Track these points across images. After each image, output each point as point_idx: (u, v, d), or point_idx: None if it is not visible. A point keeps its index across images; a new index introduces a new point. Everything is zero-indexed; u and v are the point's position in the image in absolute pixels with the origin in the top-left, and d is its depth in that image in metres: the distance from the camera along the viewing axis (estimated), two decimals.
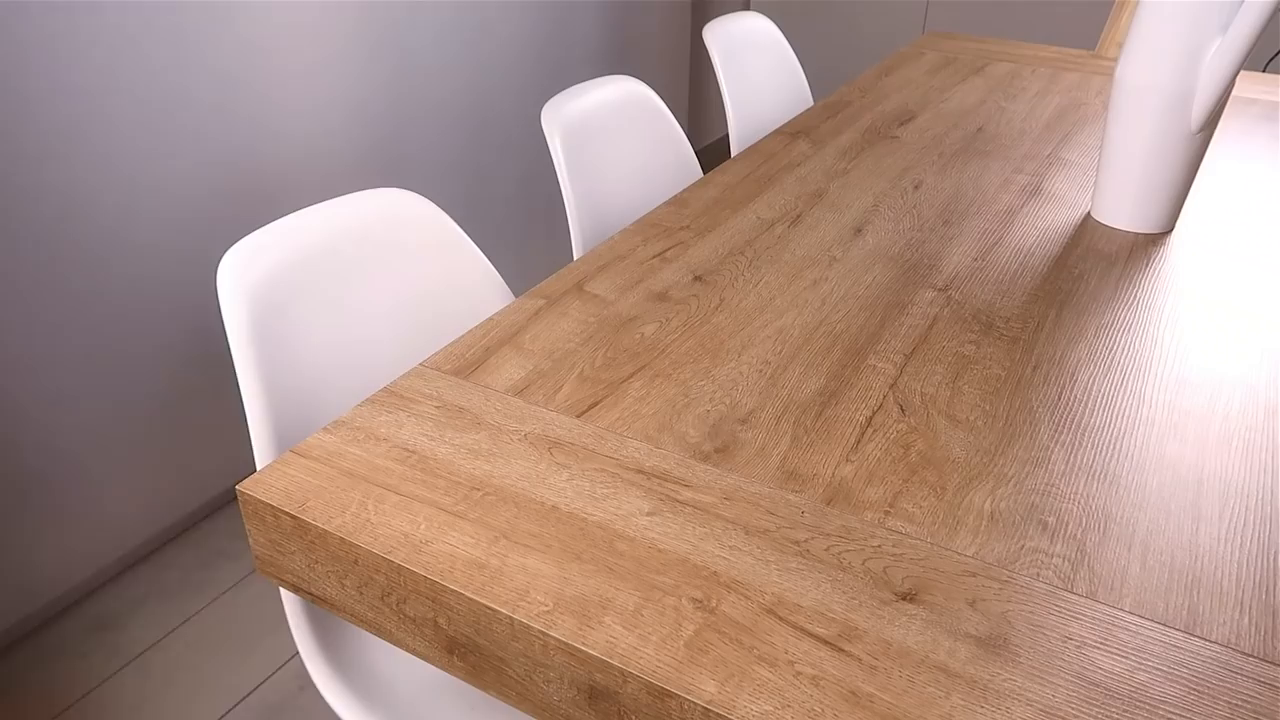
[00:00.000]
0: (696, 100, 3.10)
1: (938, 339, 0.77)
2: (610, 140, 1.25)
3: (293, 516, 0.56)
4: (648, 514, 0.56)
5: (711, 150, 3.21)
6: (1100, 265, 0.91)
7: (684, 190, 1.09)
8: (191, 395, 1.54)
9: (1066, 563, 0.54)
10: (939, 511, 0.57)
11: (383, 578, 0.54)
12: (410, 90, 1.87)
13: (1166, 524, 0.57)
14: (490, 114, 2.11)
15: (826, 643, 0.48)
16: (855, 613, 0.50)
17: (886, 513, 0.57)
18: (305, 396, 0.77)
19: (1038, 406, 0.68)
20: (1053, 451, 0.63)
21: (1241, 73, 0.86)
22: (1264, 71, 1.87)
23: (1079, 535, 0.56)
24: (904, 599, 0.51)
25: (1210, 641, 0.49)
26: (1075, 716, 0.44)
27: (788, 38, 1.75)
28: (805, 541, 0.55)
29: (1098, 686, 0.46)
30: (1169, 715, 0.45)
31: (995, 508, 0.58)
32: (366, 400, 0.67)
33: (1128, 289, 0.87)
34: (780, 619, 0.49)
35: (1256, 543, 0.56)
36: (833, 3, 2.96)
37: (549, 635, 0.48)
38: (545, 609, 0.50)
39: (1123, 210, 0.99)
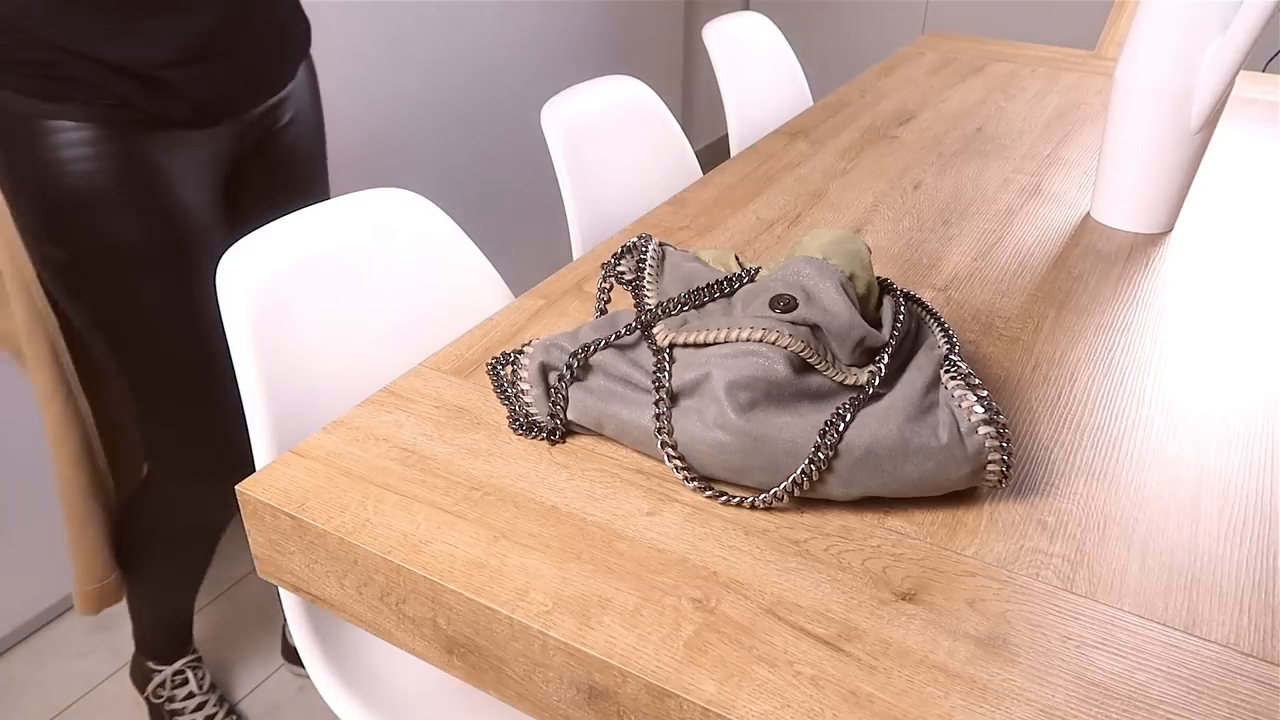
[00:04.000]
0: (696, 100, 3.10)
1: None
2: (610, 140, 1.25)
3: (292, 517, 0.57)
4: (647, 514, 0.56)
5: (711, 150, 3.21)
6: (1100, 265, 0.91)
7: (683, 190, 1.09)
8: None
9: (1066, 563, 0.54)
10: (938, 511, 0.57)
11: (382, 578, 0.54)
12: (409, 91, 1.87)
13: (1166, 524, 0.57)
14: (490, 114, 2.11)
15: (826, 643, 0.48)
16: (855, 613, 0.50)
17: (886, 512, 0.57)
18: (305, 396, 0.77)
19: (1037, 407, 0.68)
20: (1052, 451, 0.63)
21: (1241, 73, 0.86)
22: (1264, 71, 1.87)
23: (1078, 535, 0.56)
24: (903, 599, 0.51)
25: (1209, 641, 0.49)
26: (1074, 716, 0.44)
27: (787, 38, 1.75)
28: (804, 541, 0.55)
29: (1097, 686, 0.46)
30: (1168, 715, 0.45)
31: (994, 508, 0.58)
32: (366, 400, 0.67)
33: (1127, 289, 0.87)
34: (779, 619, 0.49)
35: (1256, 542, 0.56)
36: (833, 3, 2.96)
37: (548, 635, 0.48)
38: (544, 609, 0.50)
39: (1122, 210, 0.99)
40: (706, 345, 0.60)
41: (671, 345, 0.61)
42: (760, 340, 0.57)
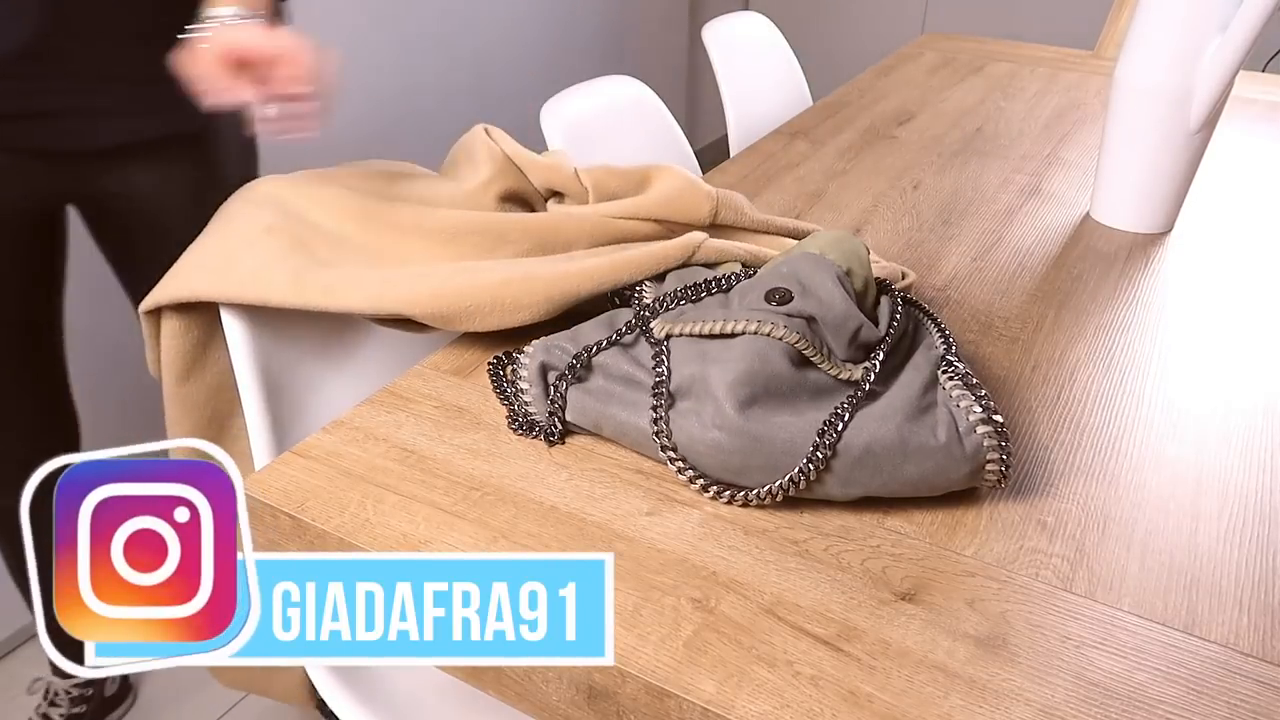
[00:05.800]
0: (696, 100, 3.10)
1: None
2: (609, 140, 1.25)
3: (291, 517, 0.56)
4: (646, 514, 0.56)
5: (711, 150, 3.21)
6: (1099, 265, 0.91)
7: None
8: None
9: (1065, 562, 0.54)
10: (938, 511, 0.57)
11: None
12: (409, 90, 1.86)
13: (1165, 524, 0.57)
14: (489, 114, 2.10)
15: (825, 642, 0.48)
16: (854, 613, 0.50)
17: (885, 513, 0.57)
18: (305, 397, 0.77)
19: (1036, 406, 0.68)
20: (1052, 451, 0.63)
21: (1241, 73, 0.86)
22: (1264, 71, 1.87)
23: (1078, 535, 0.56)
24: (903, 599, 0.51)
25: (1209, 641, 0.49)
26: (1074, 716, 0.44)
27: (787, 38, 1.74)
28: (804, 541, 0.55)
29: (1096, 686, 0.46)
30: (1167, 715, 0.45)
31: (994, 508, 0.58)
32: (366, 400, 0.67)
33: (1127, 289, 0.87)
34: (779, 619, 0.49)
35: (1255, 542, 0.56)
36: (832, 3, 2.95)
37: None
38: None
39: (1122, 210, 0.99)
40: (703, 337, 0.60)
41: (668, 336, 0.61)
42: (755, 332, 0.57)
